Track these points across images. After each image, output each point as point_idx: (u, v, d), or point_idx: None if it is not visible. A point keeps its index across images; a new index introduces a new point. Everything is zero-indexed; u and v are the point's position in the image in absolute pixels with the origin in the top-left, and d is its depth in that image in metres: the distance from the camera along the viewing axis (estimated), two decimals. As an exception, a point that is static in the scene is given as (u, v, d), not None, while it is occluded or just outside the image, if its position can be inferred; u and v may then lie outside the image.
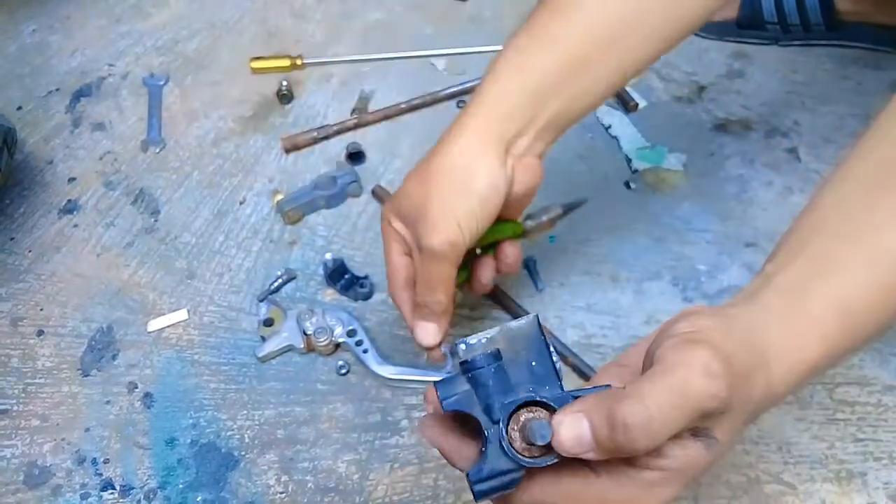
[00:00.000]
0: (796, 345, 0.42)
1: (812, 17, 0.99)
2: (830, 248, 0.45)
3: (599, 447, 0.37)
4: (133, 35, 1.13)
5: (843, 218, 0.46)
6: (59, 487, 0.72)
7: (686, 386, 0.37)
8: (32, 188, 0.95)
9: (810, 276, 0.44)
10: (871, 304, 0.44)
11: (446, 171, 0.59)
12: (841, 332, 0.43)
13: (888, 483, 0.69)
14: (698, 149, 0.94)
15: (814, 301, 0.43)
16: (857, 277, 0.44)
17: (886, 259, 0.44)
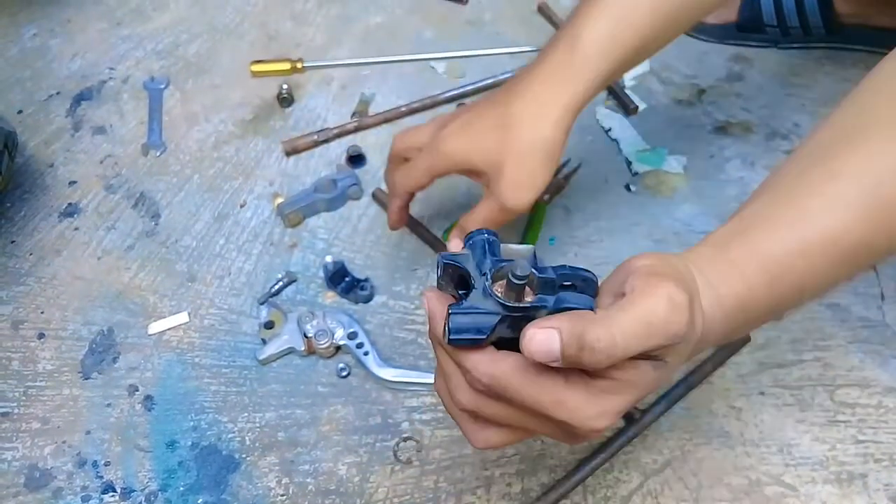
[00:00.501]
0: (718, 281, 0.47)
1: (811, 20, 0.99)
2: (761, 210, 0.50)
3: (564, 360, 0.41)
4: (134, 39, 1.13)
5: (780, 186, 0.51)
6: (59, 490, 0.72)
7: (652, 317, 0.41)
8: (33, 191, 0.96)
9: (738, 231, 0.49)
10: (792, 263, 0.48)
11: (531, 141, 0.66)
12: (762, 282, 0.48)
13: (889, 485, 0.69)
14: (698, 151, 0.94)
15: (736, 250, 0.48)
16: (779, 235, 0.48)
17: (809, 223, 0.48)
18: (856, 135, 0.50)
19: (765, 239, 0.48)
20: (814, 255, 0.48)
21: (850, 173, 0.49)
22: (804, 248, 0.48)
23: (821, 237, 0.48)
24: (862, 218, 0.48)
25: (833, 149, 0.51)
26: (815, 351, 0.77)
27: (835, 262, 0.49)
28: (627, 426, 0.72)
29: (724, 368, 0.76)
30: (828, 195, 0.49)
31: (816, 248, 0.48)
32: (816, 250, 0.48)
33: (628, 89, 1.00)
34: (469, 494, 0.70)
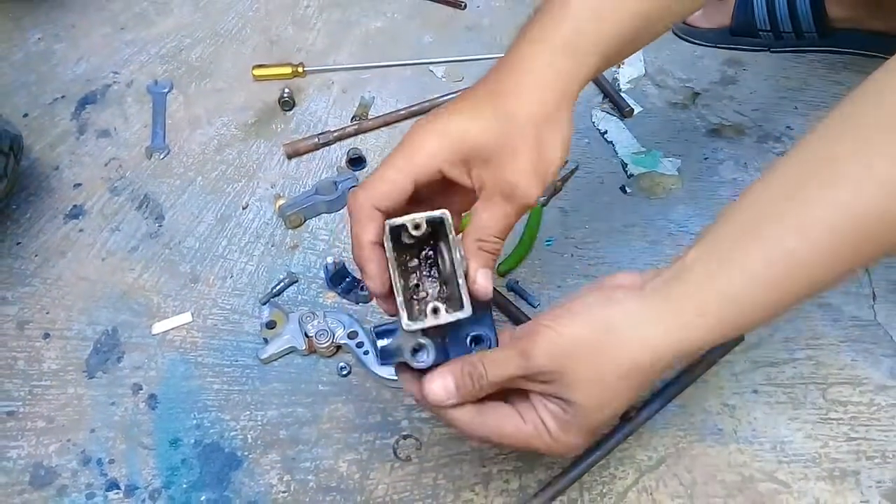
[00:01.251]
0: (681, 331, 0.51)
1: (804, 25, 1.00)
2: (730, 249, 0.52)
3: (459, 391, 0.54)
4: (137, 43, 1.14)
5: (750, 216, 0.52)
6: (64, 488, 0.74)
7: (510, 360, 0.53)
8: (38, 194, 0.97)
9: (708, 275, 0.51)
10: (756, 299, 0.51)
11: (538, 118, 0.55)
12: (725, 322, 0.51)
13: (881, 482, 0.70)
14: (692, 153, 0.95)
15: (707, 293, 0.51)
16: (745, 276, 0.51)
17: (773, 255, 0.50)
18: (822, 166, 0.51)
19: (733, 282, 0.51)
20: (776, 287, 0.51)
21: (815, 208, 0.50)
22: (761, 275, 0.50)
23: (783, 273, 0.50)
24: (831, 249, 0.50)
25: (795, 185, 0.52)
26: (808, 349, 0.78)
27: (798, 288, 0.51)
28: (623, 424, 0.73)
29: (717, 367, 0.77)
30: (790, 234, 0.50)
31: (779, 281, 0.51)
32: (780, 282, 0.51)
33: (623, 92, 1.02)
34: (467, 491, 0.71)
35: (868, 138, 0.50)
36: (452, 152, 0.55)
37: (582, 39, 0.57)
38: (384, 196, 0.54)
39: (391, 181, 0.55)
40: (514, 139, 0.55)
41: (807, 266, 0.50)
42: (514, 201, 0.55)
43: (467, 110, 0.56)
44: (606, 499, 0.70)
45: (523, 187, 0.55)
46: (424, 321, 0.52)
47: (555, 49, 0.56)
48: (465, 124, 0.55)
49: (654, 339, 0.51)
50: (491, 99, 0.56)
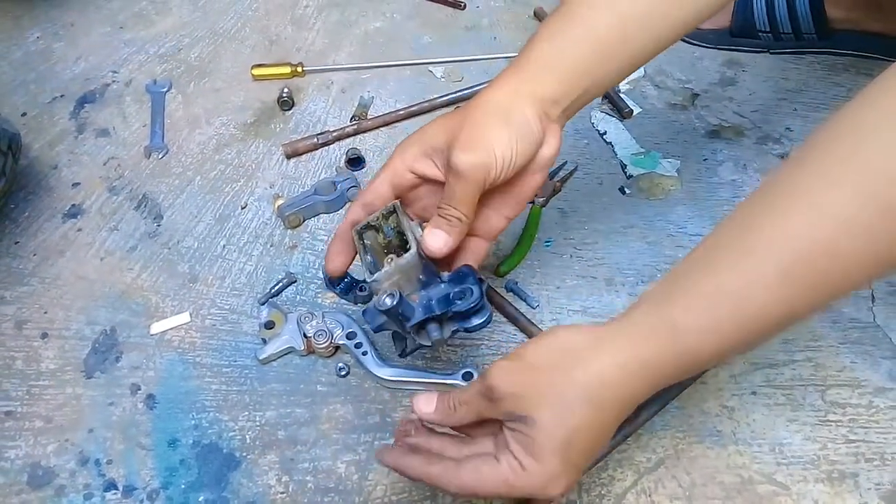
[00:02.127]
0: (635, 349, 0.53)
1: (803, 26, 1.00)
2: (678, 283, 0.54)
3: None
4: (136, 42, 1.14)
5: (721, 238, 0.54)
6: (62, 488, 0.73)
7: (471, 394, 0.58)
8: (37, 193, 0.97)
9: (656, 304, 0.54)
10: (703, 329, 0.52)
11: (483, 105, 0.62)
12: (677, 347, 0.52)
13: (879, 484, 0.70)
14: (692, 155, 0.96)
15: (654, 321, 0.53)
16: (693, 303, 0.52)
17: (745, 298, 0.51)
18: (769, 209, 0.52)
19: (687, 320, 0.52)
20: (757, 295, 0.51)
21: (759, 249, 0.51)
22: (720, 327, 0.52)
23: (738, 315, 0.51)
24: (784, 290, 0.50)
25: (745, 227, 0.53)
26: (807, 351, 0.78)
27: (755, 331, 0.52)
28: (622, 425, 0.72)
29: (716, 368, 0.77)
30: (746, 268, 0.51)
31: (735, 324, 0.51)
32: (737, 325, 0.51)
33: (623, 93, 1.02)
34: (466, 492, 0.71)
35: (824, 173, 0.49)
36: (420, 152, 0.65)
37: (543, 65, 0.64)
38: (368, 202, 0.67)
39: (372, 190, 0.67)
40: (462, 129, 0.62)
41: (751, 301, 0.50)
42: (448, 170, 0.62)
43: (434, 124, 0.65)
44: (605, 500, 0.70)
45: (456, 158, 0.61)
46: (382, 269, 0.64)
47: (520, 79, 0.63)
48: (431, 129, 0.65)
49: (611, 355, 0.53)
50: (454, 115, 0.64)
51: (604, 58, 0.64)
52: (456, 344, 0.81)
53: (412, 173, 0.66)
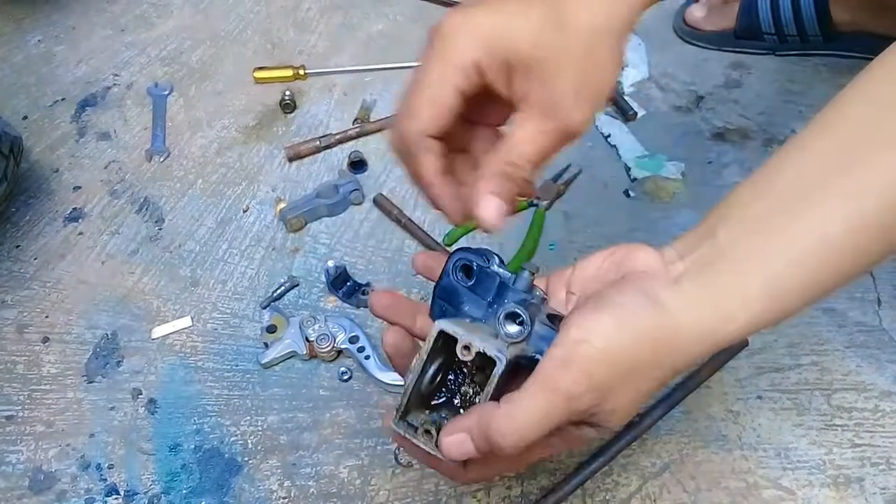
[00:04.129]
0: (723, 325, 0.45)
1: (808, 28, 1.00)
2: (768, 231, 0.46)
3: (480, 453, 0.45)
4: (138, 45, 1.14)
5: (790, 194, 0.46)
6: (63, 493, 0.73)
7: (550, 410, 0.43)
8: (38, 196, 0.96)
9: (747, 267, 0.45)
10: (802, 291, 0.46)
11: (592, 37, 0.47)
12: (766, 311, 0.46)
13: (885, 488, 0.69)
14: (696, 157, 0.95)
15: (751, 282, 0.45)
16: (792, 274, 0.45)
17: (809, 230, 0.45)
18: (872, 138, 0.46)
19: (775, 265, 0.45)
20: (824, 272, 0.46)
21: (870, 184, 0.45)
22: (813, 272, 0.46)
23: (833, 258, 0.45)
24: (878, 231, 0.45)
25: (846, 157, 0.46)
26: (813, 355, 0.77)
27: (841, 277, 0.46)
28: (626, 430, 0.72)
29: (721, 372, 0.76)
30: (841, 212, 0.45)
31: (828, 266, 0.46)
32: (828, 268, 0.46)
33: (627, 96, 1.01)
34: (469, 497, 0.71)
35: None
36: (491, 54, 0.46)
37: None
38: (433, 121, 0.47)
39: (435, 100, 0.46)
40: (564, 49, 0.46)
41: (853, 245, 0.45)
42: (555, 121, 0.47)
43: (510, 6, 0.47)
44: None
45: (568, 106, 0.47)
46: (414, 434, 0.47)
47: None
48: (507, 21, 0.46)
49: (696, 344, 0.46)
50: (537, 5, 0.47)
51: None
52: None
53: (481, 78, 0.47)
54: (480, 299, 0.50)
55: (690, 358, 0.46)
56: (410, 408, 0.48)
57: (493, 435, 0.43)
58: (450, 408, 0.50)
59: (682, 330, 0.45)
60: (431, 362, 0.48)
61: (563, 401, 0.43)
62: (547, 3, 0.47)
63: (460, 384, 0.50)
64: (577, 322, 0.44)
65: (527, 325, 0.46)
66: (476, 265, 0.50)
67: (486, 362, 0.46)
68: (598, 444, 0.72)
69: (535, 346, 0.47)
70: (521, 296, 0.49)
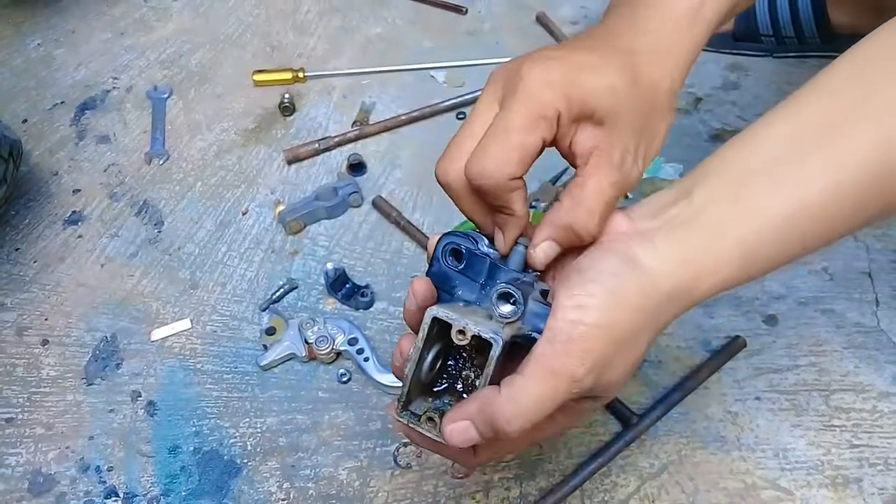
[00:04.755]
0: (697, 284, 0.46)
1: (807, 30, 1.00)
2: (744, 193, 0.47)
3: (484, 439, 0.45)
4: (137, 49, 1.14)
5: (770, 160, 0.47)
6: (63, 495, 0.73)
7: (554, 393, 0.44)
8: (38, 199, 0.97)
9: (722, 230, 0.46)
10: (774, 254, 0.47)
11: (658, 97, 0.50)
12: (738, 270, 0.46)
13: (883, 489, 0.69)
14: (695, 159, 0.94)
15: (725, 242, 0.46)
16: (765, 237, 0.46)
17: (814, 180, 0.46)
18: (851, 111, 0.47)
19: (747, 228, 0.46)
20: (796, 236, 0.47)
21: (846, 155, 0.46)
22: (786, 238, 0.46)
23: (808, 224, 0.46)
24: (853, 200, 0.46)
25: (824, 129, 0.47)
26: (811, 356, 0.77)
27: (811, 241, 0.47)
28: (625, 431, 0.72)
29: (719, 374, 0.76)
30: (818, 180, 0.46)
31: (801, 231, 0.46)
32: (801, 233, 0.46)
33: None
34: (468, 499, 0.71)
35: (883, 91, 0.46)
36: (569, 106, 0.47)
37: (704, 7, 0.51)
38: (521, 166, 0.47)
39: (524, 147, 0.46)
40: (635, 106, 0.48)
41: (827, 214, 0.46)
42: (619, 175, 0.48)
43: (589, 58, 0.48)
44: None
45: (630, 162, 0.49)
46: (417, 422, 0.48)
47: (678, 15, 0.51)
48: (588, 77, 0.47)
49: (672, 303, 0.46)
50: (616, 55, 0.49)
51: None
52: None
53: (556, 128, 0.47)
54: (472, 282, 0.50)
55: (670, 317, 0.47)
56: (412, 397, 0.48)
57: (497, 421, 0.44)
58: (452, 393, 0.50)
59: (660, 289, 0.45)
60: (428, 350, 0.48)
61: (566, 383, 0.44)
62: (622, 57, 0.49)
63: (461, 369, 0.50)
64: (566, 300, 0.45)
65: (520, 305, 0.46)
66: (465, 248, 0.50)
67: (483, 345, 0.46)
68: (597, 445, 0.72)
69: (530, 324, 0.48)
70: (513, 275, 0.49)
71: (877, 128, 0.45)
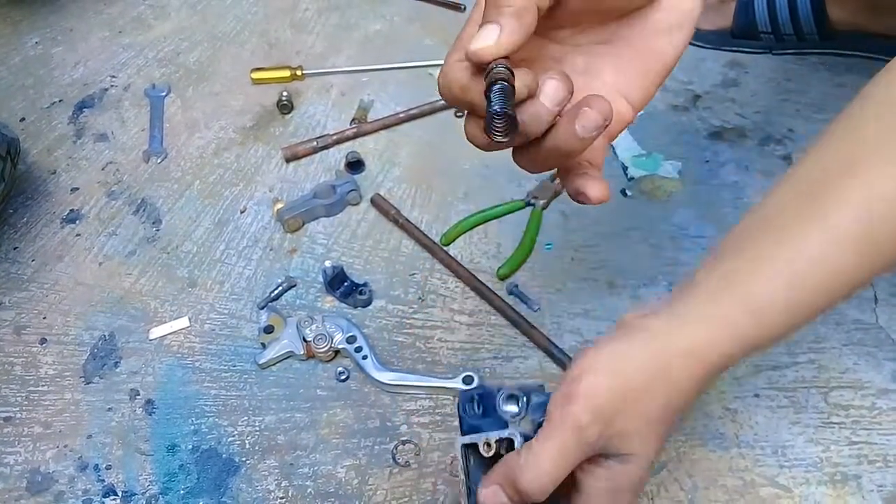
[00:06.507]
0: (708, 342, 0.48)
1: (805, 27, 1.00)
2: (746, 251, 0.50)
3: (514, 502, 0.48)
4: (135, 47, 1.14)
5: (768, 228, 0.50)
6: (61, 494, 0.73)
7: (564, 446, 0.46)
8: (35, 198, 0.97)
9: (726, 286, 0.49)
10: (778, 302, 0.48)
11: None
12: (752, 331, 0.48)
13: (882, 486, 0.69)
14: (694, 156, 0.95)
15: (728, 307, 0.48)
16: (766, 277, 0.48)
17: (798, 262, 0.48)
18: (844, 168, 0.49)
19: (752, 283, 0.48)
20: (803, 290, 0.48)
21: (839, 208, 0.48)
22: (791, 289, 0.48)
23: (810, 276, 0.48)
24: (853, 252, 0.47)
25: (819, 185, 0.49)
26: (810, 353, 0.77)
27: (821, 296, 0.49)
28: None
29: (719, 371, 0.76)
30: (815, 232, 0.48)
31: (806, 284, 0.48)
32: (806, 286, 0.48)
33: (624, 95, 1.01)
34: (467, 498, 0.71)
35: (873, 150, 0.48)
36: None
37: None
38: None
39: None
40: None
41: (834, 263, 0.47)
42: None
43: None
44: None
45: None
46: None
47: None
48: None
49: (683, 363, 0.48)
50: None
51: None
52: (456, 347, 0.80)
53: None
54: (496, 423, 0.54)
55: (686, 374, 0.48)
56: None
57: (520, 482, 0.47)
58: None
59: (665, 344, 0.48)
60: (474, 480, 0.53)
61: (574, 432, 0.46)
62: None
63: None
64: (573, 365, 0.49)
65: (522, 399, 0.53)
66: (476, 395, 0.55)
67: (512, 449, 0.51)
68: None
69: (539, 413, 0.52)
70: None
71: (863, 185, 0.47)
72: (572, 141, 0.45)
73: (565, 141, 0.45)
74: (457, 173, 0.95)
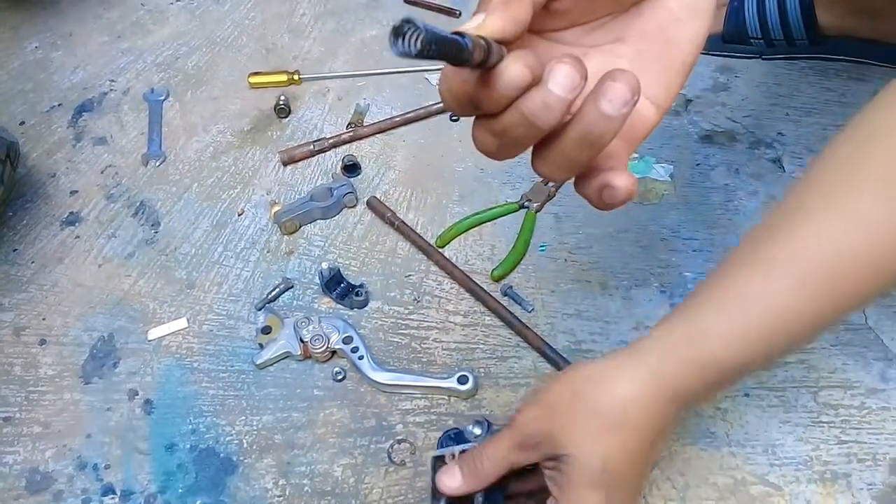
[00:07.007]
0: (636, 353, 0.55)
1: (795, 32, 1.01)
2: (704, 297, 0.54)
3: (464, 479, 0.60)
4: (134, 51, 1.15)
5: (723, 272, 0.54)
6: (60, 493, 0.74)
7: (509, 433, 0.58)
8: (35, 201, 0.97)
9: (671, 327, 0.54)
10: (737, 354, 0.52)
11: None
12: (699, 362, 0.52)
13: (871, 484, 0.70)
14: (685, 160, 0.96)
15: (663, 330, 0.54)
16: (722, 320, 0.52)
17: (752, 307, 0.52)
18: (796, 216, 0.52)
19: (710, 326, 0.52)
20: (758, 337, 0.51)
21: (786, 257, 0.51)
22: (747, 332, 0.51)
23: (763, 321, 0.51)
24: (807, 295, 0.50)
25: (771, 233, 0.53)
26: (799, 353, 0.78)
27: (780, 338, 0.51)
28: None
29: (710, 371, 0.77)
30: (769, 275, 0.51)
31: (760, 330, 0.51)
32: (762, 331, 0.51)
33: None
34: (461, 494, 0.71)
35: (843, 180, 0.51)
36: None
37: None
38: None
39: None
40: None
41: (777, 306, 0.50)
42: None
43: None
44: (600, 502, 0.71)
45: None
46: None
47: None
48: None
49: (630, 375, 0.53)
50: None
51: None
52: (451, 348, 0.81)
53: None
54: None
55: (632, 394, 0.53)
56: None
57: (476, 460, 0.59)
58: None
59: (611, 371, 0.54)
60: None
61: (518, 424, 0.57)
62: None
63: None
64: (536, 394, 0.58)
65: (485, 425, 0.66)
66: (453, 433, 0.68)
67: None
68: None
69: None
70: None
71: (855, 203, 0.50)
72: (600, 124, 0.39)
73: (592, 125, 0.39)
74: (452, 176, 0.96)
